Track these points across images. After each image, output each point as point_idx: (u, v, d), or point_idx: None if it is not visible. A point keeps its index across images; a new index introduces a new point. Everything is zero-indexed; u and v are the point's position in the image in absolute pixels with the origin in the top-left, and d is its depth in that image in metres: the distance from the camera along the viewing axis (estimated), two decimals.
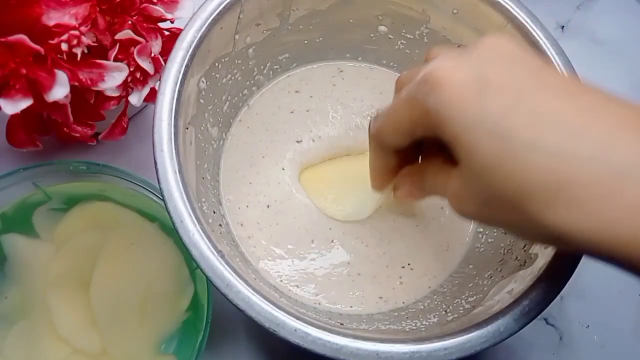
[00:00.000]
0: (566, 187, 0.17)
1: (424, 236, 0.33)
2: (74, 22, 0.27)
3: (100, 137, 0.34)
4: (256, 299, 0.23)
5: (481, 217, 0.21)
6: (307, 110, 0.36)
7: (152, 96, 0.31)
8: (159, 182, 0.25)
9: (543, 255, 0.26)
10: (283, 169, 0.34)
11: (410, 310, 0.30)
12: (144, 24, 0.30)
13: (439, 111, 0.20)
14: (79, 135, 0.32)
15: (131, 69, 0.30)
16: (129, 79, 0.30)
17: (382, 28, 0.35)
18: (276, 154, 0.34)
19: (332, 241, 0.32)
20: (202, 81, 0.29)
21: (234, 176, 0.33)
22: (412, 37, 0.35)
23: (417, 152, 0.26)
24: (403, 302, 0.31)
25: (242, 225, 0.32)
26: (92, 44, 0.28)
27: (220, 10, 0.28)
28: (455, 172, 0.22)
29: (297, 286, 0.31)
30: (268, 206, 0.33)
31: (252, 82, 0.35)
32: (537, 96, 0.19)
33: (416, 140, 0.23)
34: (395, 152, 0.25)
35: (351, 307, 0.31)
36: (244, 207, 0.33)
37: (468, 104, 0.19)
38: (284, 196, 0.33)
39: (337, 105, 0.36)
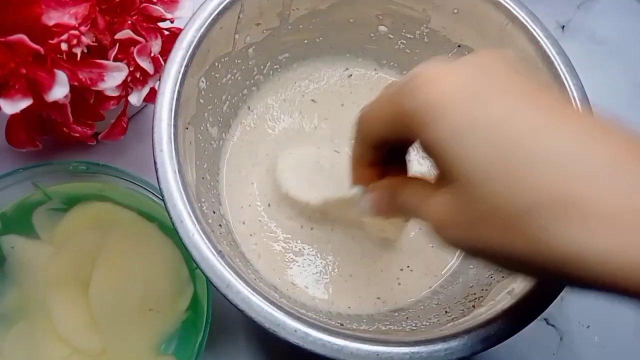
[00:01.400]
0: (576, 202, 0.15)
1: (423, 236, 0.33)
2: (73, 22, 0.26)
3: (100, 137, 0.34)
4: (256, 299, 0.23)
5: (468, 243, 0.19)
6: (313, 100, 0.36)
7: (151, 96, 0.31)
8: (158, 182, 0.24)
9: None
10: (284, 164, 0.34)
11: (411, 310, 0.30)
12: (144, 24, 0.30)
13: (425, 110, 0.18)
14: (79, 135, 0.32)
15: (131, 69, 0.30)
16: (128, 79, 0.30)
17: (382, 28, 0.35)
18: (276, 151, 0.34)
19: (331, 226, 0.32)
20: (202, 81, 0.29)
21: (236, 177, 0.33)
22: (412, 37, 0.35)
23: (403, 164, 0.25)
24: (403, 303, 0.31)
25: (244, 223, 0.32)
26: (92, 43, 0.28)
27: (220, 10, 0.28)
28: (440, 191, 0.19)
29: (294, 284, 0.31)
30: (269, 205, 0.33)
31: (252, 81, 0.35)
32: (535, 111, 0.17)
33: (397, 143, 0.22)
34: (375, 147, 0.23)
35: (349, 307, 0.31)
36: (246, 206, 0.33)
37: (460, 107, 0.18)
38: (282, 193, 0.33)
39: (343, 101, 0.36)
